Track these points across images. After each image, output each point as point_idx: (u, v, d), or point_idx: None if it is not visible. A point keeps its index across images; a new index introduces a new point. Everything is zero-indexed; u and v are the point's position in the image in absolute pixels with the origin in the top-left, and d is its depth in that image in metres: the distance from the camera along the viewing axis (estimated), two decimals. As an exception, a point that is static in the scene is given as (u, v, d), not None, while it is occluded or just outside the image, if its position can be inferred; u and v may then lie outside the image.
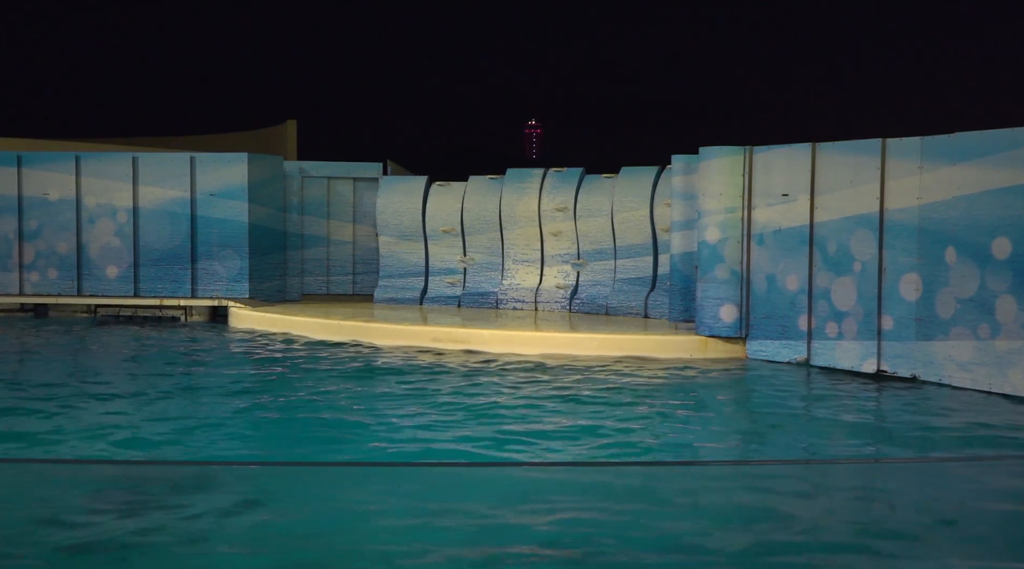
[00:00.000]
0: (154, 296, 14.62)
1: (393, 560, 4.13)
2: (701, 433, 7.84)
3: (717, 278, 10.94)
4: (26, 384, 9.43)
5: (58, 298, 14.80)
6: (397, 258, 14.86)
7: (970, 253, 9.00)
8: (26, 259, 14.79)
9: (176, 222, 14.54)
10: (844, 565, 4.19)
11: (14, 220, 14.75)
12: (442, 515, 4.69)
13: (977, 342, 8.95)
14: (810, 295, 10.34)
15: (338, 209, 15.50)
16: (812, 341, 10.35)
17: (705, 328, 11.04)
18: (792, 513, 4.92)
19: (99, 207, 14.67)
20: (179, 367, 10.54)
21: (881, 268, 9.77)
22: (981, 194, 8.93)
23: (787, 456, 7.07)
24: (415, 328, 12.02)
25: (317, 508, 4.83)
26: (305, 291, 15.43)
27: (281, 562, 4.11)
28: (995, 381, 8.84)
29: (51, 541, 4.29)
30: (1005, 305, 8.74)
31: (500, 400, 8.62)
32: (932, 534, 4.60)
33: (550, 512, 4.77)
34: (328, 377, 9.77)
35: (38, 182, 14.76)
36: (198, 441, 7.22)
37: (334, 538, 4.37)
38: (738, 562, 4.20)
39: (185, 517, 4.59)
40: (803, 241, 10.36)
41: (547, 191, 14.00)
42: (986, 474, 5.96)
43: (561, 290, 13.89)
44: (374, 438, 7.33)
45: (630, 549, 4.28)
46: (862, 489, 5.53)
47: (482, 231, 14.42)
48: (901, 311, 9.60)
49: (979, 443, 7.40)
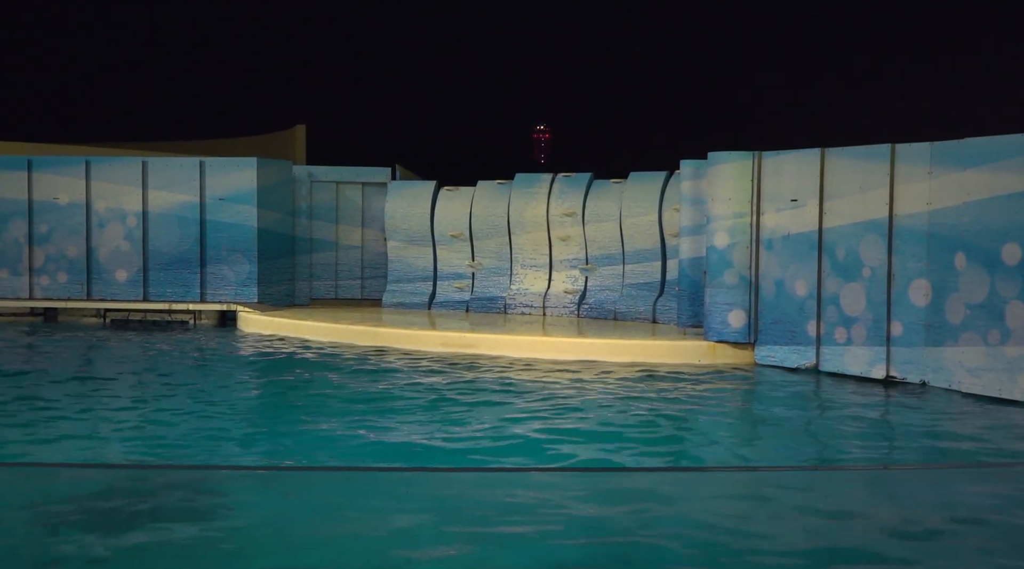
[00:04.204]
0: (163, 300, 14.65)
1: (398, 564, 4.13)
2: (707, 438, 7.82)
3: (726, 283, 10.93)
4: (32, 388, 9.44)
5: (68, 302, 14.83)
6: (405, 263, 14.87)
7: (980, 259, 8.97)
8: (36, 263, 14.83)
9: (185, 226, 14.57)
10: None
11: (24, 224, 14.80)
12: (442, 520, 4.68)
13: (987, 348, 8.92)
14: (819, 301, 10.32)
15: (347, 213, 15.52)
16: (821, 347, 10.33)
17: (714, 333, 11.02)
18: (794, 516, 4.90)
19: (109, 211, 14.71)
20: (186, 371, 10.55)
21: (890, 274, 9.74)
22: (991, 200, 8.90)
23: (794, 462, 7.05)
24: (424, 333, 12.02)
25: (318, 512, 4.83)
26: (314, 295, 15.45)
27: (282, 563, 4.11)
28: (1005, 387, 8.80)
29: (46, 543, 4.30)
30: (1015, 311, 8.72)
31: (506, 405, 8.61)
32: (943, 539, 4.58)
33: (553, 514, 4.76)
34: (335, 381, 9.77)
35: (48, 186, 14.80)
36: (199, 444, 7.22)
37: (336, 543, 4.37)
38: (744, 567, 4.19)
39: (185, 518, 4.59)
40: (812, 246, 10.35)
41: (555, 196, 14.00)
42: (993, 481, 5.93)
43: (569, 295, 13.88)
44: (380, 443, 7.32)
45: (630, 550, 4.27)
46: (870, 495, 5.51)
47: (490, 236, 14.42)
48: (910, 317, 9.58)
49: (988, 450, 7.37)
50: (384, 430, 7.71)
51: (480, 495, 5.29)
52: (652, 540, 4.47)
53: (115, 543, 4.26)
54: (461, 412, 8.31)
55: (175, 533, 4.43)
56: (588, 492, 5.38)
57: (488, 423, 7.92)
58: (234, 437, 7.51)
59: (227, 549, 4.29)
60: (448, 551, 4.27)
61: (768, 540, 4.50)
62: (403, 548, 4.29)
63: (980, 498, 5.35)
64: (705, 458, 7.26)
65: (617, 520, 4.76)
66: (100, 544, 4.27)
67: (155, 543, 4.31)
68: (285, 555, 4.22)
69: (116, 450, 7.03)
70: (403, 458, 6.91)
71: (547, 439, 7.43)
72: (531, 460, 6.89)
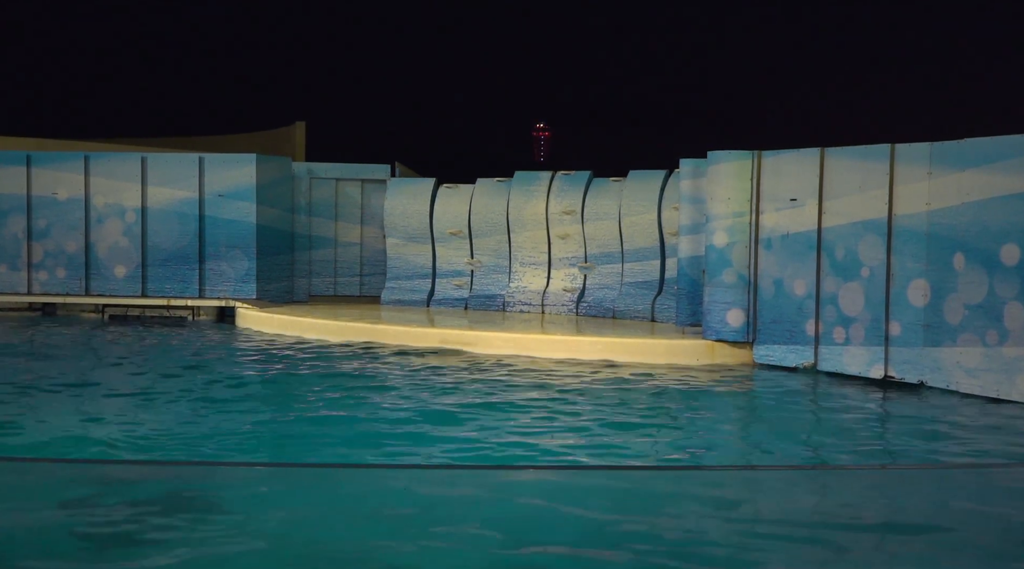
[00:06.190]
0: (162, 296, 14.65)
1: (403, 564, 4.13)
2: (705, 438, 7.83)
3: (724, 282, 10.93)
4: (30, 382, 9.45)
5: (66, 297, 14.83)
6: (404, 260, 14.87)
7: (978, 259, 8.98)
8: (35, 258, 14.83)
9: (184, 222, 14.56)
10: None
11: (23, 219, 14.79)
12: (440, 520, 4.69)
13: (985, 348, 8.93)
14: (818, 300, 10.33)
15: (346, 210, 15.52)
16: (819, 346, 10.33)
17: (712, 332, 11.02)
18: (789, 515, 4.91)
19: (108, 207, 14.71)
20: (183, 367, 10.55)
21: (889, 274, 9.75)
22: (990, 200, 8.90)
23: (792, 461, 7.06)
24: (422, 330, 12.02)
25: (320, 510, 4.82)
26: (312, 292, 15.45)
27: (282, 563, 4.12)
28: (1003, 388, 8.81)
29: (56, 538, 4.30)
30: (1013, 312, 8.72)
31: (505, 403, 8.61)
32: (942, 539, 4.58)
33: (555, 515, 4.76)
34: (333, 378, 9.78)
35: (47, 181, 14.80)
36: (199, 442, 7.22)
37: (340, 542, 4.37)
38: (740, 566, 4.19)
39: (184, 517, 4.60)
40: (811, 246, 10.35)
41: (555, 194, 14.00)
42: (993, 480, 5.94)
43: (568, 293, 13.88)
44: (378, 440, 7.32)
45: (629, 550, 4.27)
46: (868, 495, 5.52)
47: (489, 234, 14.42)
48: (909, 317, 9.58)
49: (987, 450, 7.38)
50: (381, 427, 7.70)
51: (478, 494, 5.29)
52: (653, 540, 4.47)
53: (109, 540, 4.26)
54: (457, 410, 8.31)
55: (165, 531, 4.43)
56: (587, 491, 5.38)
57: (485, 421, 7.92)
58: (227, 433, 7.51)
59: (222, 549, 4.29)
60: (439, 544, 4.28)
61: (762, 539, 4.50)
62: (390, 544, 4.30)
63: (978, 498, 5.35)
64: (702, 457, 7.26)
65: (617, 519, 4.76)
66: (98, 542, 4.27)
67: (154, 543, 4.31)
68: (282, 553, 4.22)
69: (102, 447, 7.02)
70: (401, 456, 6.91)
71: (545, 436, 7.43)
72: (526, 458, 6.89)
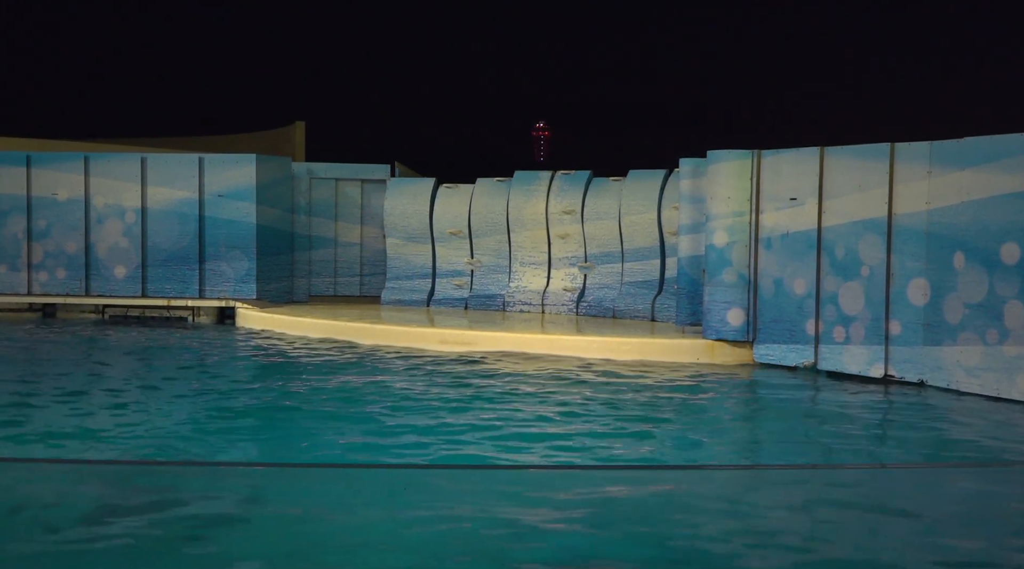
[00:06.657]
0: (162, 296, 14.65)
1: (403, 564, 4.13)
2: (705, 437, 7.82)
3: (724, 282, 10.93)
4: (32, 383, 9.45)
5: (66, 298, 14.83)
6: (404, 260, 14.87)
7: (979, 258, 8.98)
8: (35, 259, 14.82)
9: (184, 223, 14.56)
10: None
11: (23, 220, 14.78)
12: (440, 520, 4.69)
13: (985, 347, 8.93)
14: (818, 299, 10.33)
15: (346, 211, 15.52)
16: (819, 345, 10.33)
17: (712, 332, 11.02)
18: (788, 515, 4.91)
19: (107, 207, 14.70)
20: (183, 368, 10.55)
21: (889, 273, 9.75)
22: (990, 199, 8.90)
23: (790, 460, 7.05)
24: (422, 330, 12.02)
25: (317, 511, 4.82)
26: (312, 292, 15.45)
27: (281, 563, 4.12)
28: (1003, 387, 8.81)
29: (53, 539, 4.30)
30: (1014, 310, 8.72)
31: (504, 402, 8.61)
32: (941, 539, 4.58)
33: (555, 515, 4.76)
34: (334, 378, 9.78)
35: (47, 182, 14.79)
36: (198, 441, 7.22)
37: (340, 542, 4.37)
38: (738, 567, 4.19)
39: (183, 517, 4.60)
40: (811, 245, 10.35)
41: (555, 194, 14.00)
42: (991, 480, 5.94)
43: (568, 293, 13.88)
44: (377, 440, 7.32)
45: (629, 551, 4.27)
46: (867, 494, 5.52)
47: (489, 233, 14.42)
48: (909, 316, 9.58)
49: (986, 449, 7.38)
50: (383, 426, 7.71)
51: (478, 494, 5.29)
52: (652, 540, 4.47)
53: (108, 541, 4.26)
54: (458, 410, 8.31)
55: (163, 529, 4.43)
56: (586, 491, 5.38)
57: (485, 420, 7.92)
58: (222, 432, 7.50)
59: (218, 548, 4.29)
60: (439, 544, 4.27)
61: (760, 537, 4.50)
62: (390, 544, 4.30)
63: (978, 497, 5.35)
64: (702, 456, 7.26)
65: (617, 520, 4.76)
66: (96, 541, 4.27)
67: (151, 539, 4.31)
68: (280, 553, 4.22)
69: (101, 447, 7.02)
70: (402, 455, 6.91)
71: (544, 436, 7.43)
72: (528, 458, 6.89)
